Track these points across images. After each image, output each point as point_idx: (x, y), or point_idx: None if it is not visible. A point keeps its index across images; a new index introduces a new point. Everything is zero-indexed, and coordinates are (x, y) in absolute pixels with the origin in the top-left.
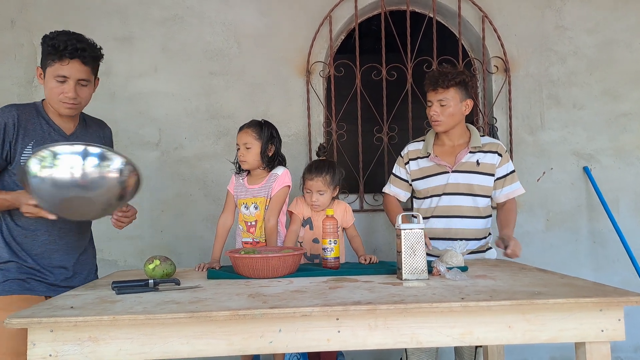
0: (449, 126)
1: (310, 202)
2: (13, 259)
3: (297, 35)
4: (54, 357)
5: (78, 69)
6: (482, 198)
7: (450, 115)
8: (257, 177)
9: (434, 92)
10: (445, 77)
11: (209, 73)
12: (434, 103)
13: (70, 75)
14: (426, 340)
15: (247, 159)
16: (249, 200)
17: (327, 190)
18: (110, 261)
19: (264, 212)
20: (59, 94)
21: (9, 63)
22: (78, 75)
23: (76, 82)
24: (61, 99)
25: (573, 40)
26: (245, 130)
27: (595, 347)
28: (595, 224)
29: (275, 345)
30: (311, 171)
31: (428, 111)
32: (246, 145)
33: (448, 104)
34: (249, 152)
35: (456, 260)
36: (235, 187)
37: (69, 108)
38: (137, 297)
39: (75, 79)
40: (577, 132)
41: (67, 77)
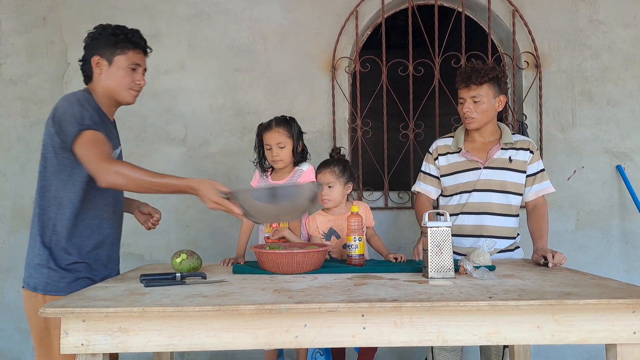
0: (482, 123)
1: (320, 198)
2: (80, 260)
3: (322, 31)
4: (86, 346)
5: (144, 59)
6: (514, 195)
7: (484, 112)
8: (282, 173)
9: (466, 89)
10: (478, 73)
11: (234, 69)
12: (466, 100)
13: (142, 64)
14: (452, 339)
15: (283, 157)
16: None
17: (336, 182)
18: (137, 255)
19: None
20: (130, 82)
21: (40, 60)
22: (145, 65)
23: (142, 71)
24: (132, 87)
25: (608, 35)
26: (276, 129)
27: (626, 350)
28: (628, 224)
29: (301, 340)
30: (320, 166)
31: (460, 109)
32: (280, 144)
33: (481, 100)
34: (283, 150)
35: (483, 259)
36: (259, 184)
37: (134, 96)
38: (165, 290)
39: (143, 67)
40: (610, 129)
41: (139, 65)
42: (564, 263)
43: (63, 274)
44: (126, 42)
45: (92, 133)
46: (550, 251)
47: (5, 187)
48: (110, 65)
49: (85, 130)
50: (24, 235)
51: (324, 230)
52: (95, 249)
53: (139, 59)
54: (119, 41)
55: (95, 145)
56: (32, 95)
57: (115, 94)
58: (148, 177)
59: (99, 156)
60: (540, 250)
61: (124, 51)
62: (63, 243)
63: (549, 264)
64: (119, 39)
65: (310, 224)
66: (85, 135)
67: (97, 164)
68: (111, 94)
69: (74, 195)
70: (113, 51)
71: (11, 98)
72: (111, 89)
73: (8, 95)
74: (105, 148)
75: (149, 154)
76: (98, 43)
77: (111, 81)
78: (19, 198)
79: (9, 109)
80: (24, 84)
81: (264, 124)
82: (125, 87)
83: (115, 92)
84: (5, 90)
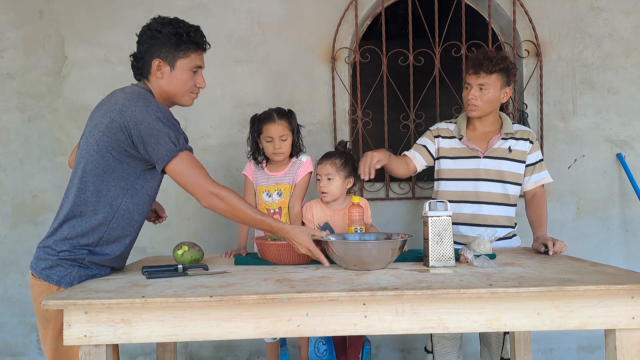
0: (484, 112)
1: (318, 189)
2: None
3: (321, 22)
4: (89, 337)
5: (203, 60)
6: (512, 185)
7: (489, 101)
8: (279, 164)
9: (475, 76)
10: (490, 61)
11: (234, 61)
12: (473, 86)
13: (203, 65)
14: (453, 326)
15: (284, 150)
16: (272, 187)
17: (335, 175)
18: (139, 248)
19: (288, 198)
20: (192, 85)
21: (37, 54)
22: (204, 65)
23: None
24: (192, 90)
25: (609, 22)
26: (279, 122)
27: (625, 335)
28: (628, 212)
29: (303, 328)
30: (322, 157)
31: (465, 94)
32: (282, 137)
33: (488, 89)
34: (285, 143)
35: (484, 248)
36: (255, 174)
37: (194, 99)
38: (167, 282)
39: (203, 67)
40: (611, 117)
41: (200, 67)
42: (564, 251)
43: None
44: (189, 44)
45: (188, 154)
46: (550, 239)
47: (5, 182)
48: (173, 69)
49: (183, 152)
50: (25, 230)
51: (319, 222)
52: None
53: (201, 60)
54: (181, 42)
55: (194, 166)
56: (29, 89)
57: (174, 99)
58: (248, 210)
59: (202, 178)
60: (540, 239)
61: (187, 54)
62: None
63: (549, 251)
64: (182, 40)
65: (306, 212)
66: (182, 157)
67: (201, 185)
68: (170, 97)
69: (132, 207)
70: (176, 54)
71: (9, 92)
72: (172, 93)
73: (6, 89)
74: (203, 168)
75: None
76: (159, 43)
77: (172, 86)
78: (19, 193)
79: (6, 103)
80: (22, 78)
81: (263, 116)
82: (186, 92)
83: (175, 97)
84: (3, 85)
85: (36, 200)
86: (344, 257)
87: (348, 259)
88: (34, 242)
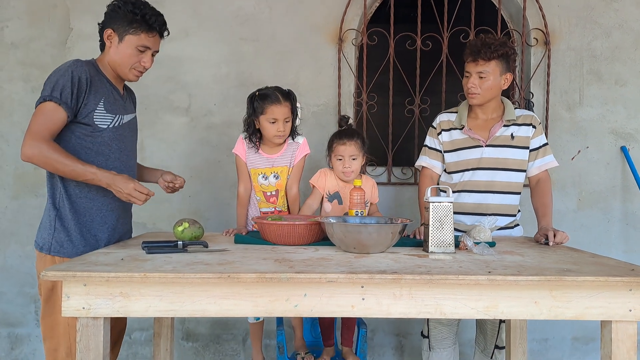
0: (485, 99)
1: (342, 169)
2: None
3: (329, 2)
4: (87, 310)
5: (158, 42)
6: (516, 173)
7: (489, 88)
8: (274, 146)
9: (473, 64)
10: (487, 48)
11: (239, 39)
12: (472, 75)
13: (152, 47)
14: (450, 312)
15: (287, 133)
16: (268, 170)
17: (359, 155)
18: (140, 224)
19: (285, 181)
20: (134, 62)
21: (42, 24)
22: (156, 48)
23: (152, 53)
24: (136, 67)
25: (619, 13)
26: (285, 104)
27: (621, 327)
28: (629, 205)
29: (301, 309)
30: (342, 137)
31: (465, 82)
32: (286, 119)
33: (487, 77)
34: (288, 125)
35: (484, 235)
36: (248, 156)
37: (137, 76)
38: (166, 257)
39: (154, 50)
40: (617, 109)
41: (149, 48)
42: (565, 242)
43: (71, 237)
44: (142, 23)
45: (52, 106)
46: (552, 230)
47: (7, 152)
48: (120, 42)
49: (48, 102)
50: (26, 201)
51: (329, 191)
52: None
53: (151, 42)
54: (134, 21)
55: (42, 117)
56: (34, 60)
57: (118, 70)
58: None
59: (35, 129)
60: (543, 230)
61: (136, 32)
62: (70, 207)
63: (549, 242)
64: (135, 19)
65: (320, 178)
66: (44, 105)
67: (29, 135)
68: (115, 68)
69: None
70: (126, 29)
71: (13, 62)
72: (116, 64)
73: (9, 59)
74: (49, 125)
75: (152, 123)
76: (116, 16)
77: (117, 57)
78: (21, 163)
79: (10, 73)
80: (26, 48)
81: (264, 95)
82: (128, 66)
83: (119, 68)
84: (7, 54)
85: (38, 172)
86: (344, 239)
87: (348, 241)
88: (34, 213)
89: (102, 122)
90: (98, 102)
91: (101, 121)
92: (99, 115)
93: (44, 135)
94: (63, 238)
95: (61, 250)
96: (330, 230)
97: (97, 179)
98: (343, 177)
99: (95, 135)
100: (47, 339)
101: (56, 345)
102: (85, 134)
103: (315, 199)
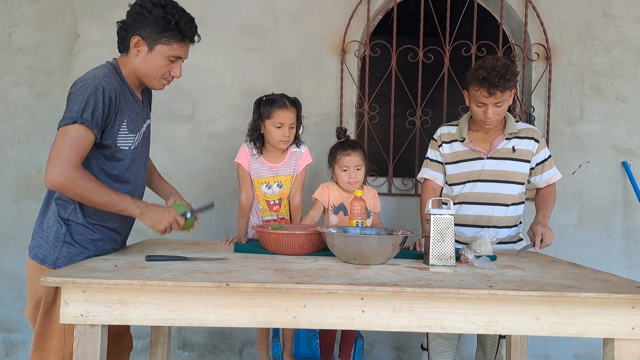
0: (498, 121)
1: (348, 180)
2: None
3: (333, 14)
4: (85, 316)
5: (188, 51)
6: (517, 185)
7: (503, 112)
8: (277, 155)
9: (491, 97)
10: (503, 79)
11: (244, 48)
12: (489, 105)
13: (184, 56)
14: (451, 326)
15: (291, 139)
16: (271, 179)
17: (362, 165)
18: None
19: (288, 190)
20: (164, 72)
21: (50, 30)
22: (187, 56)
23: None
24: (165, 77)
25: (620, 30)
26: (291, 109)
27: (624, 345)
28: (631, 220)
29: (300, 320)
30: (346, 148)
31: (479, 111)
32: (292, 125)
33: (504, 105)
34: (292, 131)
35: (485, 248)
36: (251, 164)
37: (164, 85)
38: (166, 265)
39: (184, 58)
40: (618, 125)
41: (180, 58)
42: (549, 244)
43: (80, 250)
44: (175, 32)
45: (82, 130)
46: (541, 230)
47: (10, 156)
48: (150, 51)
49: (79, 124)
50: (27, 204)
51: (334, 203)
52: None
53: (183, 51)
54: (167, 29)
55: (70, 143)
56: (40, 65)
57: (145, 79)
58: (98, 188)
59: (64, 155)
60: (535, 223)
61: (169, 41)
62: (82, 219)
63: (535, 246)
64: (168, 27)
65: (323, 192)
66: (72, 128)
67: (58, 161)
68: (141, 77)
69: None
70: (158, 38)
71: (19, 67)
72: (143, 74)
73: (16, 64)
74: (79, 151)
75: (155, 131)
76: (144, 21)
77: (145, 67)
78: (24, 167)
79: (16, 77)
80: (33, 54)
81: (272, 100)
82: (157, 77)
83: (146, 78)
84: (14, 59)
85: (40, 176)
86: (344, 250)
87: (348, 252)
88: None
89: (124, 143)
90: (122, 123)
91: (124, 142)
92: (122, 137)
93: (75, 163)
94: (73, 252)
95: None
96: (331, 241)
97: (130, 210)
98: (348, 187)
99: (116, 157)
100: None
101: (46, 357)
102: (106, 157)
103: (318, 211)
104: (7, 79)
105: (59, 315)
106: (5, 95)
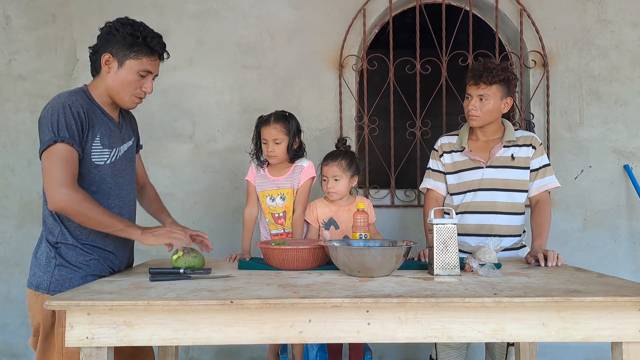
0: (485, 122)
1: (326, 190)
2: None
3: (330, 29)
4: (91, 339)
5: (159, 65)
6: (518, 193)
7: (489, 111)
8: (281, 169)
9: (475, 87)
10: (489, 72)
11: (242, 66)
12: (473, 97)
13: (154, 72)
14: (457, 336)
15: (277, 153)
16: (274, 191)
17: (342, 176)
18: (143, 251)
19: (292, 202)
20: (135, 88)
21: (50, 56)
22: (157, 71)
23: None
24: (137, 94)
25: (615, 34)
26: (274, 125)
27: (632, 348)
28: (635, 224)
29: (305, 335)
30: (326, 158)
31: (466, 104)
32: (276, 140)
33: (488, 100)
34: (279, 147)
35: (489, 257)
36: (257, 179)
37: (136, 103)
38: (170, 284)
39: (155, 74)
40: (618, 129)
41: (150, 73)
42: (559, 262)
43: (73, 270)
44: (143, 47)
45: (64, 147)
46: (542, 251)
47: (13, 182)
48: (120, 67)
49: (60, 143)
50: (31, 230)
51: (324, 219)
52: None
53: (153, 66)
54: (135, 44)
55: (59, 163)
56: (40, 91)
57: (117, 97)
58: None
59: (58, 176)
60: (533, 251)
61: (138, 56)
62: (71, 240)
63: (540, 264)
64: (136, 42)
65: (310, 212)
66: (55, 148)
67: (55, 183)
68: (113, 95)
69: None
70: (127, 54)
71: (20, 93)
72: (115, 91)
73: (17, 90)
74: (71, 170)
75: (156, 151)
76: (113, 40)
77: (116, 84)
78: (27, 193)
79: (17, 104)
80: (33, 80)
81: (264, 118)
82: (129, 93)
83: (117, 95)
84: (15, 86)
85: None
86: (348, 263)
87: (352, 265)
88: None
89: (99, 158)
90: (95, 137)
91: (98, 158)
92: (96, 152)
93: (71, 182)
94: (65, 274)
95: (64, 285)
96: (334, 254)
97: (127, 233)
98: (328, 197)
99: (92, 172)
100: None
101: None
102: (82, 173)
103: (313, 234)
104: (8, 106)
105: (57, 340)
106: (7, 122)
